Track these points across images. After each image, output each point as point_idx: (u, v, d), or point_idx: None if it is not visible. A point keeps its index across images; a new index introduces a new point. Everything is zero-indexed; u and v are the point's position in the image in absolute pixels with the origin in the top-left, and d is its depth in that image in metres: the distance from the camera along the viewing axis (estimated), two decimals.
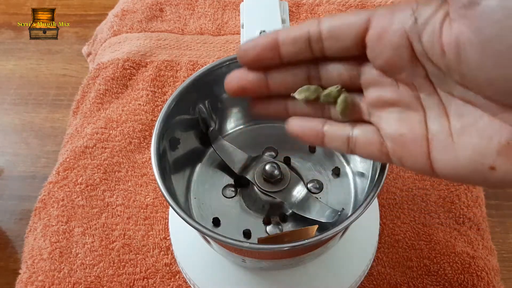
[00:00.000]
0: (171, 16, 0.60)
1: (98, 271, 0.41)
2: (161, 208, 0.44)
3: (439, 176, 0.22)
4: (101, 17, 0.64)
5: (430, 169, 0.22)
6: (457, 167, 0.21)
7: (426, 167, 0.22)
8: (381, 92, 0.24)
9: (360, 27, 0.22)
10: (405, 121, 0.23)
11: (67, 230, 0.43)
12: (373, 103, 0.24)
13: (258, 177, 0.34)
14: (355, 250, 0.38)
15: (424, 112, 0.22)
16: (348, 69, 0.25)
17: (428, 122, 0.22)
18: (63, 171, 0.47)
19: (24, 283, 0.41)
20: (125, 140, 0.48)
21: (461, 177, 0.21)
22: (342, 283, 0.37)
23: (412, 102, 0.23)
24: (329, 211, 0.33)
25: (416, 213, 0.43)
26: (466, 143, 0.21)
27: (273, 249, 0.28)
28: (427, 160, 0.22)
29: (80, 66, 0.90)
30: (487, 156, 0.20)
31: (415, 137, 0.22)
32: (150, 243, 0.42)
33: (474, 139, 0.20)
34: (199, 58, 0.55)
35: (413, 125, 0.23)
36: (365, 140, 0.25)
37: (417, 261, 0.40)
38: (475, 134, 0.20)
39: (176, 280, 0.40)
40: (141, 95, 0.51)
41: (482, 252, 0.41)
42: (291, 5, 0.59)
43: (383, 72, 0.23)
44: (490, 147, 0.20)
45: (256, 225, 0.35)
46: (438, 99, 0.22)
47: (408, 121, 0.23)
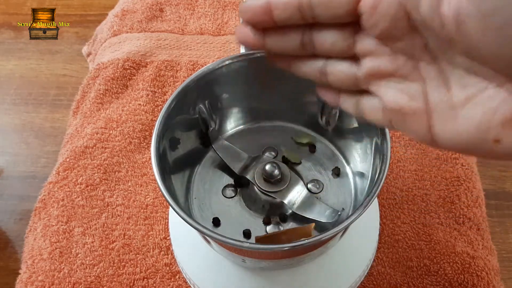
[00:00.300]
0: (171, 16, 0.60)
1: (98, 271, 0.41)
2: (161, 208, 0.44)
3: (440, 147, 0.22)
4: (101, 17, 0.64)
5: (432, 141, 0.22)
6: (460, 139, 0.20)
7: (427, 139, 0.22)
8: (378, 62, 0.23)
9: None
10: (404, 93, 0.22)
11: (67, 230, 0.43)
12: (370, 73, 0.23)
13: (258, 177, 0.34)
14: (355, 250, 0.38)
15: (424, 83, 0.21)
16: (342, 37, 0.24)
17: (428, 93, 0.21)
18: (63, 171, 0.47)
19: (24, 283, 0.41)
20: (125, 140, 0.48)
21: (464, 149, 0.21)
22: (342, 283, 0.37)
23: (410, 72, 0.22)
24: (329, 211, 0.33)
25: (416, 213, 0.43)
26: (469, 115, 0.20)
27: (273, 249, 0.28)
28: (428, 133, 0.21)
29: (80, 66, 0.90)
30: (491, 128, 0.19)
31: (414, 110, 0.22)
32: (150, 243, 0.42)
33: (478, 111, 0.19)
34: (199, 58, 0.55)
35: (412, 97, 0.22)
36: (369, 108, 0.24)
37: (417, 261, 0.40)
38: (479, 105, 0.19)
39: (176, 280, 0.40)
40: (141, 95, 0.51)
41: (482, 252, 0.41)
42: None
43: (379, 41, 0.22)
44: (494, 119, 0.19)
45: (256, 225, 0.35)
46: (438, 69, 0.21)
47: (407, 92, 0.22)
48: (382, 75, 0.23)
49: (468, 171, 0.45)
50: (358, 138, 0.35)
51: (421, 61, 0.21)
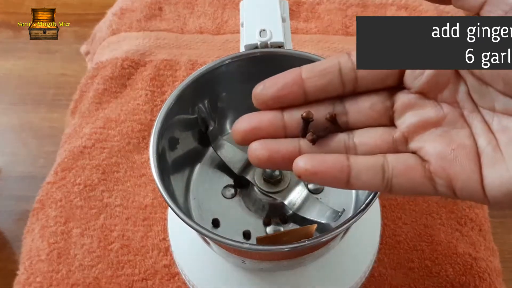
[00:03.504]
0: (170, 15, 0.59)
1: (96, 272, 0.40)
2: (160, 208, 0.44)
3: (489, 197, 0.20)
4: (100, 16, 0.64)
5: (481, 188, 0.20)
6: (509, 181, 0.20)
7: (477, 185, 0.20)
8: (422, 114, 0.22)
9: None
10: (453, 138, 0.21)
11: (65, 231, 0.43)
12: (414, 126, 0.22)
13: (258, 177, 0.34)
14: (356, 251, 0.38)
15: (470, 128, 0.21)
16: (381, 100, 0.23)
17: (475, 137, 0.21)
18: (61, 172, 0.46)
19: (22, 284, 0.41)
20: (124, 140, 0.48)
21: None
22: (343, 285, 0.37)
23: (457, 119, 0.22)
24: (329, 212, 0.33)
25: (418, 214, 0.42)
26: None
27: (273, 250, 0.28)
28: (479, 177, 0.20)
29: (78, 65, 0.90)
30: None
31: (466, 151, 0.21)
32: (149, 244, 0.42)
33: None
34: (199, 57, 0.55)
35: (462, 140, 0.21)
36: (404, 166, 0.22)
37: (418, 262, 0.40)
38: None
39: (175, 281, 0.40)
40: (140, 95, 0.51)
41: (484, 253, 0.41)
42: (291, 4, 0.58)
43: (423, 95, 0.22)
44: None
45: (256, 226, 0.34)
46: (480, 116, 0.21)
47: (456, 137, 0.21)
48: (429, 125, 0.22)
49: None
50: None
51: (464, 108, 0.22)
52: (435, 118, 0.22)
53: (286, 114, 0.23)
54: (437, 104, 0.22)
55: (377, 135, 0.23)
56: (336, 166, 0.21)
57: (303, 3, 0.59)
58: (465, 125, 0.22)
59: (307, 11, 0.59)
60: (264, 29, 0.38)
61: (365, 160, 0.22)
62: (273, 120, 0.23)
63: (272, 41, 0.37)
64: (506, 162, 0.20)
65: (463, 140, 0.21)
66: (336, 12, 0.58)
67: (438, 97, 0.22)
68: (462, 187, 0.21)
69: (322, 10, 0.58)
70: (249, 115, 0.24)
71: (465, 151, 0.21)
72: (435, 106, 0.22)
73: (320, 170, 0.21)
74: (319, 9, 0.58)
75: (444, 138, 0.21)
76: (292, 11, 0.58)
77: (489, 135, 0.21)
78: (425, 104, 0.22)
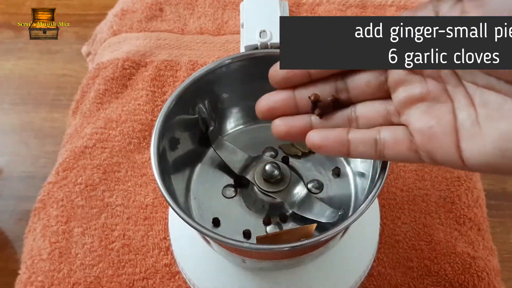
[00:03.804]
0: (171, 16, 0.59)
1: (97, 271, 0.41)
2: (161, 208, 0.44)
3: (469, 167, 0.22)
4: (101, 17, 0.64)
5: (460, 160, 0.22)
6: (486, 153, 0.21)
7: (456, 157, 0.22)
8: (410, 89, 0.24)
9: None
10: (434, 113, 0.23)
11: (67, 231, 0.43)
12: (403, 102, 0.24)
13: (258, 177, 0.34)
14: (356, 251, 0.38)
15: (452, 103, 0.23)
16: (375, 76, 0.25)
17: (456, 112, 0.22)
18: (62, 171, 0.47)
19: (23, 283, 0.41)
20: (125, 140, 0.48)
21: (491, 164, 0.21)
22: (342, 284, 0.37)
23: (440, 94, 0.23)
24: (329, 211, 0.33)
25: (417, 213, 0.43)
26: (492, 128, 0.21)
27: (273, 249, 0.28)
28: (457, 150, 0.22)
29: (79, 66, 0.90)
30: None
31: (443, 127, 0.23)
32: (150, 243, 0.42)
33: (500, 124, 0.21)
34: (199, 58, 0.55)
35: (442, 116, 0.23)
36: (393, 140, 0.25)
37: (417, 261, 0.40)
38: (501, 118, 0.21)
39: (176, 280, 0.40)
40: (141, 95, 0.51)
41: (483, 253, 0.41)
42: (291, 5, 0.59)
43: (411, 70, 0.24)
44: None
45: (256, 225, 0.35)
46: (464, 90, 0.22)
47: (437, 112, 0.23)
48: (415, 100, 0.24)
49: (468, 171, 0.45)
50: None
51: (448, 83, 0.23)
52: (419, 94, 0.24)
53: (296, 92, 0.27)
54: (423, 80, 0.23)
55: (374, 109, 0.26)
56: (337, 140, 0.26)
57: (303, 4, 0.59)
58: (448, 100, 0.23)
59: (306, 12, 0.59)
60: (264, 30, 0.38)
61: (361, 135, 0.25)
62: (286, 99, 0.27)
63: (272, 42, 0.38)
64: (484, 136, 0.21)
65: (444, 115, 0.23)
66: (335, 12, 0.58)
67: (424, 72, 0.23)
68: (442, 160, 0.23)
69: (321, 11, 0.58)
70: (268, 95, 0.28)
71: (442, 128, 0.23)
72: (421, 82, 0.24)
73: (324, 144, 0.26)
74: (319, 10, 0.58)
75: (426, 114, 0.23)
76: (292, 12, 0.59)
77: (470, 109, 0.22)
78: (413, 80, 0.24)
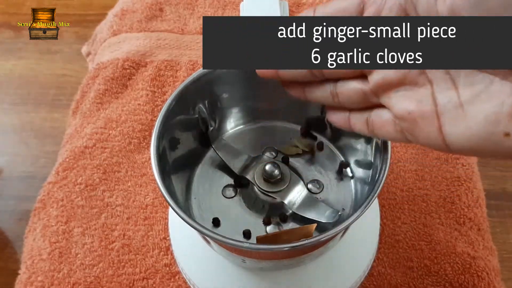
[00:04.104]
0: (171, 16, 0.59)
1: (97, 271, 0.41)
2: (161, 208, 0.44)
3: (453, 150, 0.22)
4: (101, 17, 0.64)
5: (444, 144, 0.22)
6: (470, 137, 0.20)
7: (439, 141, 0.22)
8: (385, 73, 0.23)
9: (355, 10, 0.22)
10: (413, 98, 0.22)
11: (67, 231, 0.43)
12: (379, 85, 0.24)
13: (258, 177, 0.34)
14: (356, 251, 0.38)
15: (431, 86, 0.22)
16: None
17: (436, 95, 0.22)
18: (62, 171, 0.47)
19: (23, 283, 0.41)
20: (125, 140, 0.48)
21: (475, 148, 0.21)
22: (342, 284, 0.37)
23: (418, 78, 0.22)
24: (329, 211, 0.33)
25: (417, 213, 0.43)
26: (477, 110, 0.20)
27: (273, 249, 0.28)
28: (439, 135, 0.22)
29: (79, 66, 0.90)
30: (500, 121, 0.19)
31: (423, 113, 0.22)
32: (150, 243, 0.42)
33: (485, 105, 0.20)
34: (199, 58, 0.55)
35: (420, 101, 0.22)
36: (380, 121, 0.25)
37: (417, 261, 0.40)
38: (486, 100, 0.20)
39: (176, 280, 0.40)
40: (141, 95, 0.51)
41: (483, 253, 0.41)
42: (291, 5, 0.59)
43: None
44: (502, 111, 0.19)
45: (256, 225, 0.35)
46: (443, 71, 0.21)
47: (415, 97, 0.22)
48: (391, 85, 0.23)
49: (468, 171, 0.45)
50: (359, 138, 0.35)
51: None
52: (397, 78, 0.23)
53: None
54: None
55: (351, 88, 0.25)
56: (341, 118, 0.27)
57: (303, 4, 0.59)
58: (426, 83, 0.22)
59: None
60: None
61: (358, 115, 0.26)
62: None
63: None
64: (468, 119, 0.20)
65: (422, 100, 0.22)
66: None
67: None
68: (425, 143, 0.23)
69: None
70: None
71: (422, 112, 0.22)
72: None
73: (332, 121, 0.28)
74: None
75: (405, 98, 0.23)
76: (292, 12, 0.59)
77: (451, 91, 0.21)
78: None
